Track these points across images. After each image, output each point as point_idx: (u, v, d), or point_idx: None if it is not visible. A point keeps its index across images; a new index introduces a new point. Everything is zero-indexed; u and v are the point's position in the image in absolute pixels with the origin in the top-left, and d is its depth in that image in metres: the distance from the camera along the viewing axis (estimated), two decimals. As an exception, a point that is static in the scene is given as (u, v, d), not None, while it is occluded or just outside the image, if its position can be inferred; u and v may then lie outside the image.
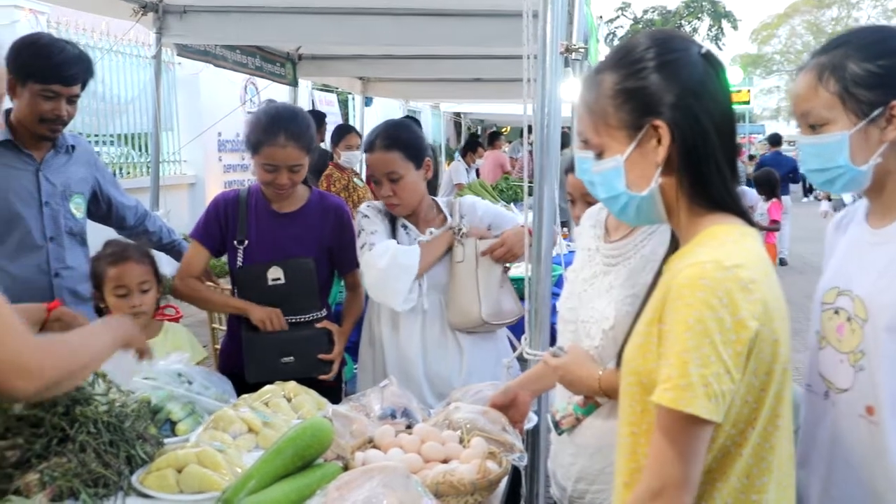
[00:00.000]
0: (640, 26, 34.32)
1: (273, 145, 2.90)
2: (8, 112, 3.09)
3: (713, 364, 1.30)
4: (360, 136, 7.10)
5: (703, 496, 1.41)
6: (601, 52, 7.02)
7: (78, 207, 3.24)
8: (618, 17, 35.34)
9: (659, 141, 1.47)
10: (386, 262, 2.83)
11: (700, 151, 1.46)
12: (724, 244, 1.40)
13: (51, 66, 2.97)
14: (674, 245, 1.61)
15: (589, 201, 2.48)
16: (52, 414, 2.06)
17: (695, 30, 34.60)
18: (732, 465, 1.41)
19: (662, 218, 1.54)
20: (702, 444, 1.35)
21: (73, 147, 3.26)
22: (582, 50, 3.41)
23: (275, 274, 2.98)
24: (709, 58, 1.50)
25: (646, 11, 34.47)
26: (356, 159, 6.83)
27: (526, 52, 2.47)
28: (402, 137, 2.90)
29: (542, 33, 2.47)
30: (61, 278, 3.14)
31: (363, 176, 6.98)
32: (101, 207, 3.43)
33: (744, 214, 1.51)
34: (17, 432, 2.00)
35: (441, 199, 3.10)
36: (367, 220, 2.97)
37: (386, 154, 2.87)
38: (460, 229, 2.94)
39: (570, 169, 2.60)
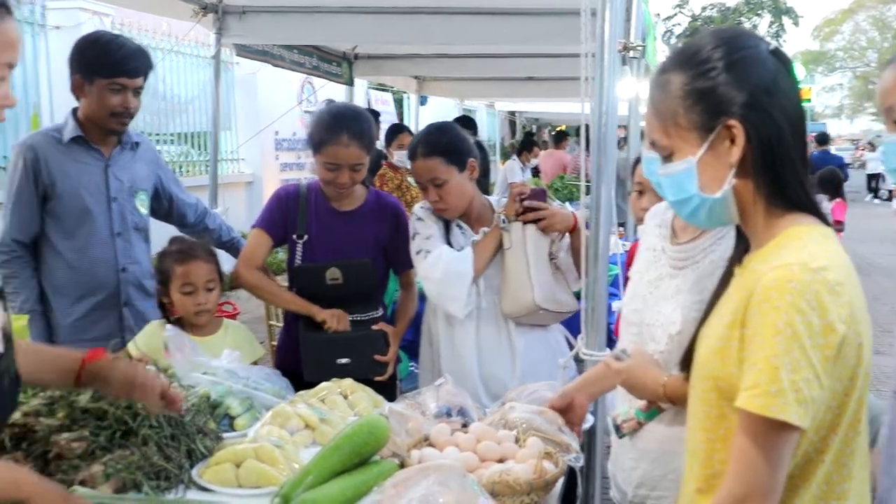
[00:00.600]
0: (699, 24, 33.77)
1: (336, 144, 2.93)
2: (75, 110, 3.18)
3: (803, 369, 1.28)
4: (412, 135, 7.11)
5: (784, 503, 1.38)
6: (658, 50, 6.94)
7: (142, 204, 3.32)
8: (675, 14, 34.90)
9: (732, 141, 1.43)
10: (440, 271, 2.85)
11: (776, 151, 1.42)
12: (807, 245, 1.37)
13: (115, 61, 3.06)
14: (742, 247, 1.57)
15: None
16: (115, 407, 2.10)
17: (755, 27, 33.97)
18: (815, 471, 1.38)
19: (735, 220, 1.51)
20: (788, 450, 1.32)
21: (137, 144, 3.34)
22: (640, 48, 3.39)
23: (333, 274, 3.00)
24: (778, 54, 1.46)
25: (704, 8, 33.91)
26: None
27: (583, 51, 2.46)
28: (441, 143, 2.90)
29: (600, 31, 2.45)
30: (128, 273, 3.22)
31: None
32: (163, 205, 3.50)
33: (821, 215, 1.46)
34: (84, 424, 2.05)
35: (493, 199, 3.09)
36: (422, 224, 2.98)
37: (427, 161, 2.87)
38: (500, 216, 2.92)
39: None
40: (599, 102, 2.51)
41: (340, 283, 3.00)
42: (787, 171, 1.42)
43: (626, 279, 2.31)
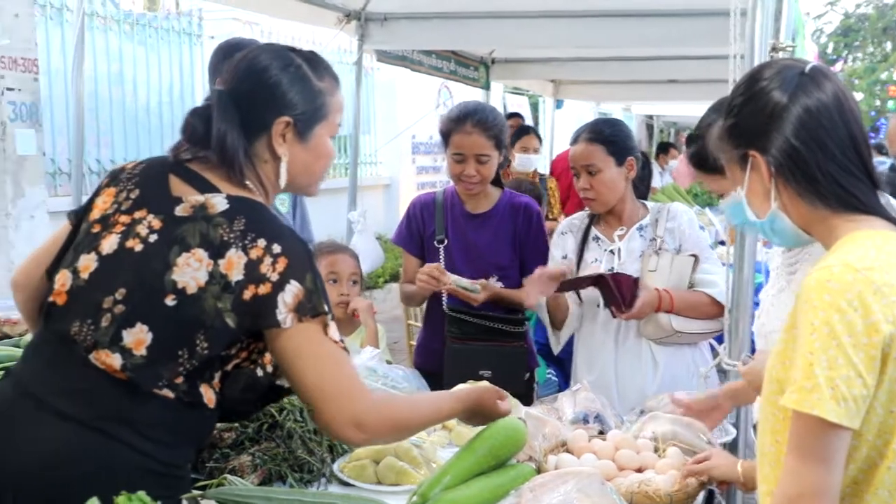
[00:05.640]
0: (852, 21, 32.04)
1: (460, 133, 2.99)
2: None
3: (841, 367, 1.28)
4: (540, 139, 6.70)
5: None
6: (808, 50, 6.64)
7: (283, 203, 3.45)
8: (826, 12, 33.28)
9: (761, 169, 1.52)
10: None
11: (800, 168, 1.48)
12: (858, 248, 1.38)
13: None
14: None
15: None
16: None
17: (914, 23, 31.85)
18: (880, 477, 1.36)
19: (803, 236, 1.55)
20: (836, 450, 1.31)
21: None
22: (790, 48, 3.26)
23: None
24: (813, 73, 1.51)
25: (858, 5, 32.14)
26: (531, 164, 6.46)
27: (732, 52, 2.39)
28: (605, 132, 2.89)
29: (750, 31, 2.39)
30: None
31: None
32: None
33: (890, 218, 1.47)
34: (234, 416, 2.14)
35: (649, 203, 3.03)
36: (561, 239, 3.02)
37: (588, 146, 2.87)
38: (655, 239, 2.87)
39: None
40: (747, 105, 2.43)
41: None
42: (817, 179, 1.46)
43: None
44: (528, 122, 13.66)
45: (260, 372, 1.76)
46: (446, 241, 3.12)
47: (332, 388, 1.64)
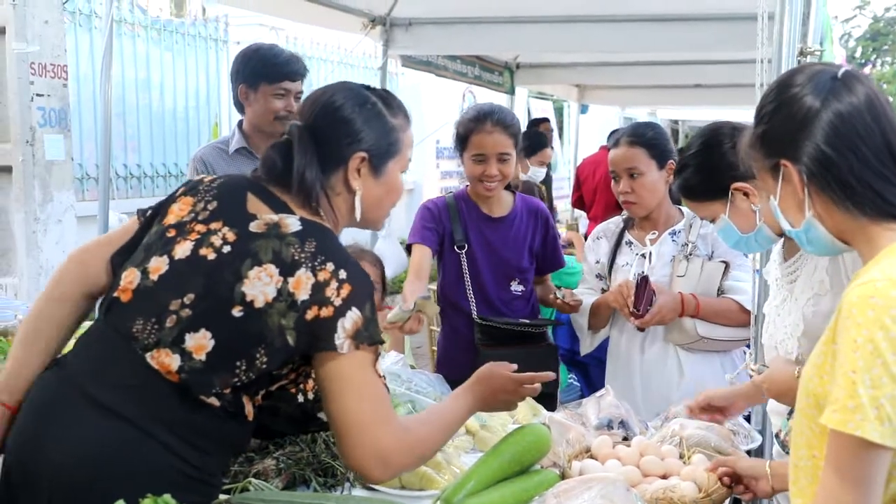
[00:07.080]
0: (881, 25, 31.71)
1: (480, 132, 2.98)
2: (240, 123, 3.35)
3: (885, 386, 1.24)
4: (552, 151, 6.59)
5: None
6: (836, 54, 6.59)
7: None
8: (855, 16, 32.91)
9: (793, 179, 1.48)
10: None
11: (832, 175, 1.44)
12: None
13: (278, 66, 3.21)
14: None
15: None
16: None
17: (944, 27, 31.47)
18: None
19: (839, 245, 1.50)
20: (876, 471, 1.28)
21: None
22: (818, 52, 3.24)
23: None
24: (846, 77, 1.47)
25: (887, 9, 31.79)
26: (541, 176, 6.32)
27: (759, 56, 2.39)
28: (647, 135, 2.91)
29: (777, 36, 2.38)
30: None
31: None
32: None
33: None
34: (259, 420, 2.15)
35: (685, 209, 3.02)
36: (596, 244, 3.05)
37: (630, 149, 2.88)
38: (688, 244, 2.86)
39: None
40: (774, 109, 2.41)
41: None
42: (852, 188, 1.42)
43: None
44: (553, 126, 13.61)
45: (301, 398, 1.82)
46: (466, 247, 3.11)
47: (368, 420, 1.65)
